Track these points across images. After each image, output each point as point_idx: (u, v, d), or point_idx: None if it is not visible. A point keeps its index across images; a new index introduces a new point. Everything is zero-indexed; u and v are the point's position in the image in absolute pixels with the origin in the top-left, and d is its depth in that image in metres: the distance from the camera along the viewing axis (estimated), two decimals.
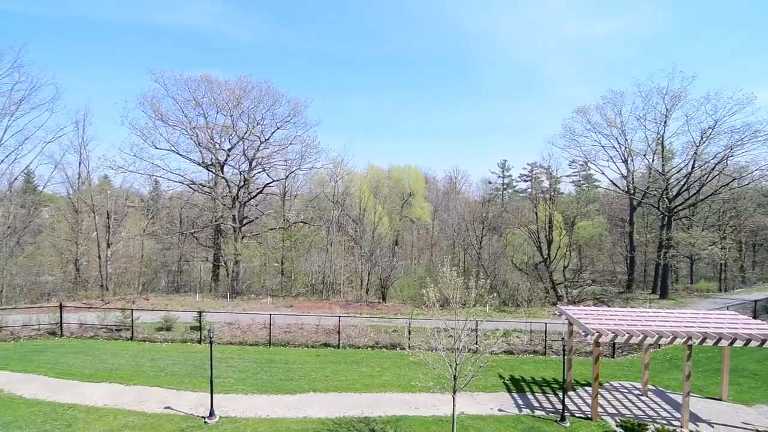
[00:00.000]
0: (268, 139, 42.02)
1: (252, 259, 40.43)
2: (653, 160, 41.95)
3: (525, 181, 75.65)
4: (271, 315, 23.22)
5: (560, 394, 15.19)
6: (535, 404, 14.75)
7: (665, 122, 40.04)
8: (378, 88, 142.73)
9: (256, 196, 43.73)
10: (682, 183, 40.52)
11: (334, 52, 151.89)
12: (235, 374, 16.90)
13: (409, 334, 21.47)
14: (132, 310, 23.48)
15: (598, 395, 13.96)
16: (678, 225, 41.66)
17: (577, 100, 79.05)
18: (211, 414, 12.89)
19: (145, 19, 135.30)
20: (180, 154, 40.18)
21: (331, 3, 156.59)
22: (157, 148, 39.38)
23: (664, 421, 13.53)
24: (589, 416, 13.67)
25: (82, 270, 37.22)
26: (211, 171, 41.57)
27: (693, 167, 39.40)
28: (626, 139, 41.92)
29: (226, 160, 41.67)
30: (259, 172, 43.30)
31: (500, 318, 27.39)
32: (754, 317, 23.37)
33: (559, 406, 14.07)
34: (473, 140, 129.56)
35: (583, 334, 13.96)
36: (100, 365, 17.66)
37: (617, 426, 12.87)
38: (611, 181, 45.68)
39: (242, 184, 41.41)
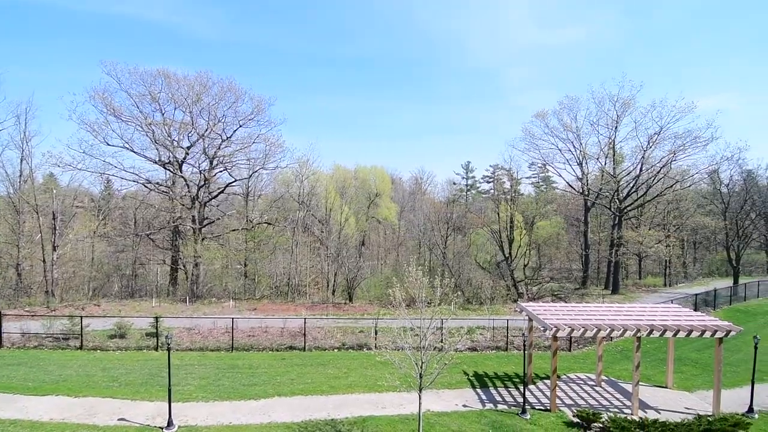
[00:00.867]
0: (230, 137, 40.79)
1: (213, 261, 39.06)
2: (605, 164, 44.40)
3: (488, 182, 77.78)
4: (233, 319, 22.54)
5: (521, 388, 15.74)
6: (498, 399, 15.21)
7: (616, 127, 42.54)
8: (344, 88, 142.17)
9: (217, 195, 42.30)
10: (631, 185, 43.17)
11: (299, 50, 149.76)
12: (196, 381, 16.28)
13: (376, 334, 21.52)
14: (81, 317, 22.02)
15: (557, 387, 14.59)
16: (628, 224, 44.27)
17: (537, 105, 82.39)
18: (170, 424, 12.35)
19: (99, 9, 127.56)
20: (134, 152, 38.22)
21: (296, 1, 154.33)
22: (109, 144, 37.25)
23: (617, 410, 14.35)
24: (548, 408, 14.27)
25: (25, 275, 34.54)
26: (168, 170, 39.79)
27: (641, 170, 42.08)
28: (581, 143, 44.16)
29: (185, 159, 40.03)
30: (221, 172, 41.98)
31: (464, 316, 28.03)
32: (695, 309, 25.25)
33: (521, 400, 14.58)
34: (438, 141, 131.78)
35: (542, 329, 14.56)
36: (46, 377, 16.47)
37: (574, 416, 13.50)
38: (567, 182, 47.93)
39: (202, 183, 39.94)
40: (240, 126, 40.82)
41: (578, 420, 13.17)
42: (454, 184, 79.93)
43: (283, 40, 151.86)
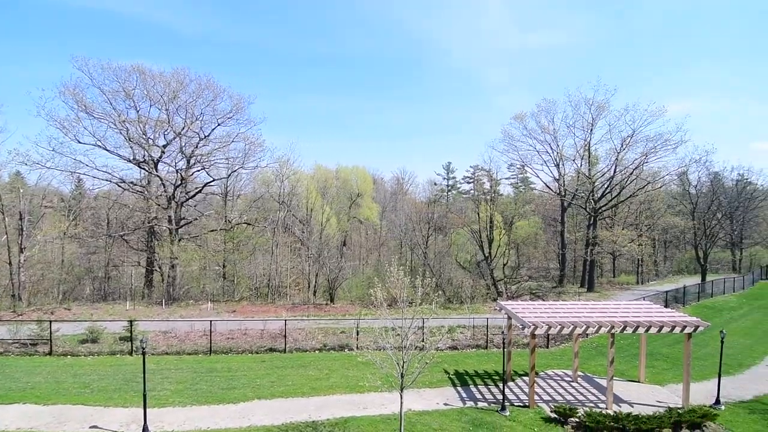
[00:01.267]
0: (208, 135, 39.94)
1: (190, 262, 38.15)
2: (581, 165, 45.61)
3: (468, 182, 78.68)
4: (211, 321, 22.08)
5: (501, 385, 15.98)
6: (478, 396, 15.41)
7: (591, 130, 43.75)
8: (325, 88, 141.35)
9: (194, 195, 41.35)
10: (605, 186, 44.46)
11: (280, 49, 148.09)
12: (172, 385, 15.87)
13: (358, 334, 21.47)
14: (50, 321, 21.13)
15: (535, 384, 14.88)
16: (602, 224, 45.58)
17: (517, 106, 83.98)
18: (145, 430, 12.00)
19: (71, 1, 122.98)
20: (107, 150, 36.95)
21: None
22: (80, 142, 35.88)
23: (592, 404, 14.74)
24: (527, 404, 14.54)
25: None
26: (143, 168, 38.66)
27: (615, 172, 43.42)
28: (558, 145, 45.21)
29: (160, 157, 38.98)
30: (199, 171, 41.03)
31: (445, 315, 28.26)
32: (666, 306, 26.20)
33: (501, 397, 14.81)
34: (420, 142, 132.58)
35: (521, 327, 14.83)
36: (12, 384, 15.76)
37: (551, 412, 13.80)
38: (545, 183, 48.95)
39: (179, 182, 38.96)
40: (218, 124, 40.07)
41: (556, 415, 13.47)
42: (435, 184, 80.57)
43: (264, 39, 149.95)
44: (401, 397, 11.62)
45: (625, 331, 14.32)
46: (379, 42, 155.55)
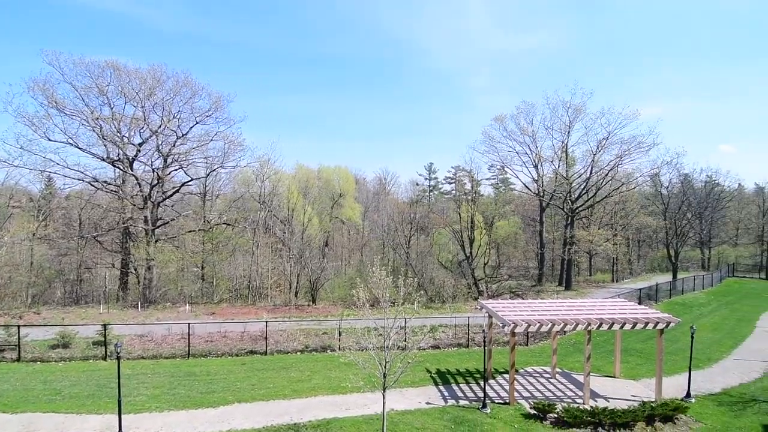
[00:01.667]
0: (186, 134, 39.00)
1: (168, 264, 37.20)
2: (559, 166, 46.60)
3: (449, 183, 79.38)
4: (189, 324, 21.57)
5: (482, 383, 16.19)
6: (460, 394, 15.56)
7: (568, 132, 44.80)
8: (307, 87, 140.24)
9: (172, 195, 40.34)
10: (582, 187, 45.61)
11: (261, 48, 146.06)
12: (149, 390, 15.45)
13: (340, 335, 21.38)
14: (18, 326, 20.25)
15: (515, 381, 15.13)
16: (579, 224, 46.71)
17: (497, 108, 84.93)
18: None
19: None
20: (80, 148, 35.60)
21: None
22: (50, 140, 34.47)
23: (570, 400, 15.09)
24: (507, 401, 14.78)
25: None
26: (117, 167, 37.48)
27: (591, 173, 44.57)
28: (537, 147, 46.10)
29: (136, 156, 37.87)
30: (176, 170, 40.03)
31: (427, 314, 28.45)
32: (639, 303, 27.04)
33: (482, 395, 15.00)
34: (402, 142, 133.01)
35: (501, 325, 15.05)
36: None
37: (531, 408, 14.06)
38: (524, 184, 49.81)
39: (156, 182, 37.95)
40: (197, 123, 39.15)
41: (535, 412, 13.73)
42: (417, 184, 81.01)
43: (245, 38, 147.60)
44: (384, 397, 11.63)
45: (601, 328, 14.72)
46: (361, 43, 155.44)
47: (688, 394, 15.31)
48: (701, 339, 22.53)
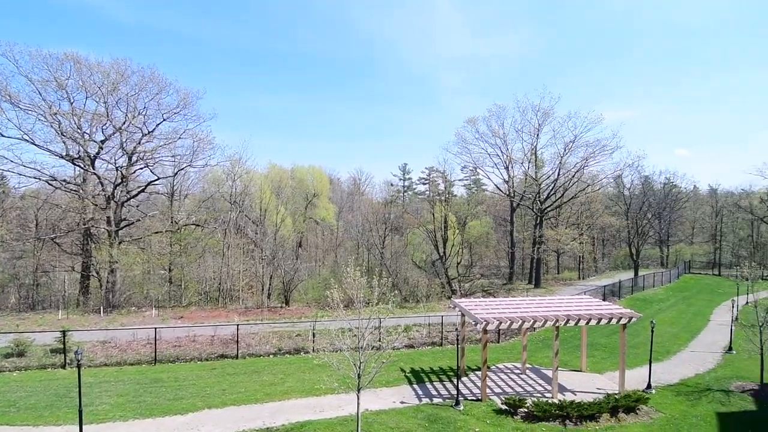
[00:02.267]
0: (152, 131, 37.60)
1: (132, 266, 35.72)
2: (528, 168, 47.94)
3: (423, 184, 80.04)
4: (156, 329, 20.84)
5: (455, 381, 16.43)
6: (434, 393, 15.74)
7: (537, 135, 46.18)
8: (279, 86, 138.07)
9: (137, 195, 38.77)
10: (550, 188, 47.09)
11: (232, 45, 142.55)
12: (112, 399, 14.80)
13: (314, 337, 21.16)
14: None
15: (487, 378, 15.44)
16: (547, 224, 48.20)
17: (470, 110, 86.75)
18: None
19: None
20: (36, 144, 33.65)
21: None
22: (3, 135, 32.52)
23: (540, 394, 15.55)
24: (480, 398, 15.06)
25: None
26: (78, 165, 35.67)
27: (558, 174, 46.11)
28: (507, 148, 47.28)
29: (98, 154, 36.18)
30: (142, 169, 38.52)
31: (402, 314, 28.59)
32: (604, 299, 28.19)
33: (455, 392, 15.22)
34: (376, 143, 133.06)
35: (474, 323, 15.34)
36: None
37: (502, 404, 14.39)
38: (495, 185, 50.96)
39: (120, 181, 36.37)
40: (164, 120, 37.80)
41: (506, 407, 14.07)
42: (392, 185, 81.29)
43: (215, 34, 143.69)
44: (358, 398, 11.61)
45: (568, 324, 15.25)
46: (333, 42, 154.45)
47: (649, 386, 16.07)
48: (660, 333, 23.69)
